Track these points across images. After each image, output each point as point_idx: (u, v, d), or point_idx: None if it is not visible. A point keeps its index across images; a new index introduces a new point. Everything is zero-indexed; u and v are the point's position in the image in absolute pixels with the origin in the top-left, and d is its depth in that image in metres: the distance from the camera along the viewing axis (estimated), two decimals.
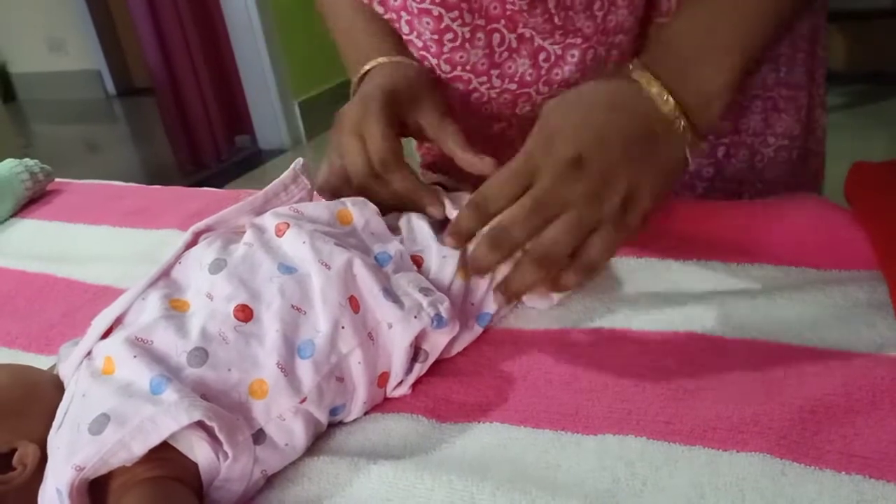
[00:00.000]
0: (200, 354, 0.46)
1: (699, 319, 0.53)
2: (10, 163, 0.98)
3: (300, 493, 0.45)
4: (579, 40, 0.66)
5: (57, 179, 1.02)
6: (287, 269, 0.51)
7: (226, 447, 0.43)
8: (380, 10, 0.69)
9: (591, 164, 0.47)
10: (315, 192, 0.62)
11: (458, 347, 0.55)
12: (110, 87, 4.51)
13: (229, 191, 0.97)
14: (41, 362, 0.56)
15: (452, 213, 0.59)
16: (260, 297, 0.49)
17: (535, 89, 0.69)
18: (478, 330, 0.55)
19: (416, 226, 0.59)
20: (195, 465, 0.44)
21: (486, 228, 0.51)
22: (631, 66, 0.53)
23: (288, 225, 0.54)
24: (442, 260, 0.55)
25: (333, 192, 0.63)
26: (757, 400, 0.44)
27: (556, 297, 0.57)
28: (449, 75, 0.69)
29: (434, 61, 0.68)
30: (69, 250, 0.83)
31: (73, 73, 4.48)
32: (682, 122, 0.50)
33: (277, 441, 0.46)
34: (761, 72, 0.73)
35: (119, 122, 4.36)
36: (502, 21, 0.65)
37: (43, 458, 0.44)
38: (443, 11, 0.64)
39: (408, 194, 0.60)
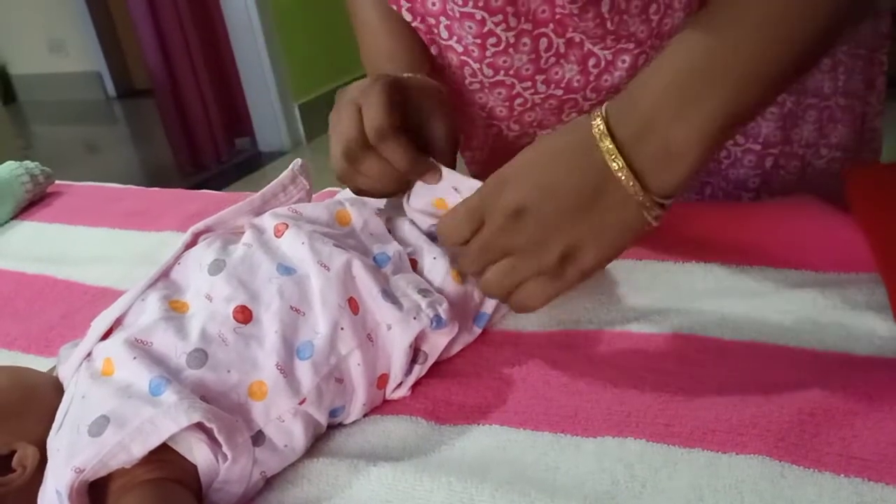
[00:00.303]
0: (200, 356, 0.46)
1: (698, 321, 0.53)
2: (10, 165, 0.98)
3: (299, 494, 0.46)
4: (632, 45, 0.65)
5: (57, 181, 1.03)
6: (286, 269, 0.51)
7: (225, 449, 0.43)
8: (408, 16, 0.68)
9: (533, 216, 0.47)
10: (314, 194, 0.62)
11: (456, 348, 0.55)
12: (110, 88, 4.51)
13: (229, 193, 0.97)
14: (41, 364, 0.56)
15: (451, 178, 0.57)
16: (259, 298, 0.49)
17: (582, 95, 0.68)
18: (476, 331, 0.56)
19: (405, 228, 0.59)
20: (194, 466, 0.44)
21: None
22: (594, 115, 0.48)
23: (287, 225, 0.54)
24: (433, 261, 0.55)
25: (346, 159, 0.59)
26: (756, 402, 0.44)
27: None
28: (491, 80, 0.67)
29: (476, 66, 0.67)
30: (69, 252, 0.83)
31: (74, 74, 4.48)
32: (632, 183, 0.46)
33: (277, 442, 0.46)
34: (816, 79, 0.70)
35: (119, 124, 4.36)
36: (551, 25, 0.64)
37: (42, 460, 0.45)
38: (486, 15, 0.62)
39: (403, 164, 0.56)
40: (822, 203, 0.61)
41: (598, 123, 0.47)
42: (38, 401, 0.48)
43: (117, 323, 0.50)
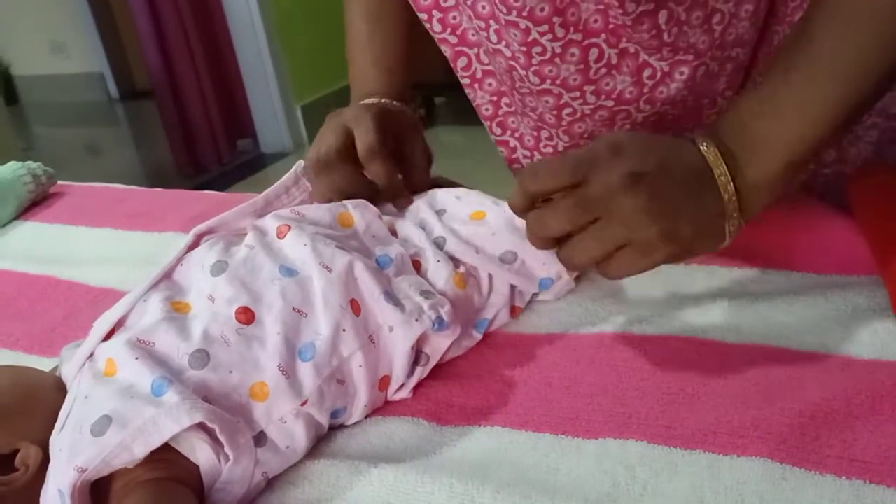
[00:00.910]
0: (202, 357, 0.46)
1: (700, 324, 0.53)
2: (13, 165, 0.98)
3: (301, 495, 0.46)
4: (691, 57, 0.62)
5: (59, 182, 1.03)
6: (288, 271, 0.51)
7: (227, 449, 0.43)
8: (437, 27, 0.68)
9: (649, 185, 0.47)
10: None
11: (456, 353, 0.55)
12: (113, 90, 4.51)
13: (231, 194, 0.98)
14: (43, 364, 0.56)
15: (422, 210, 0.61)
16: (261, 299, 0.49)
17: (635, 107, 0.66)
18: (476, 336, 0.56)
19: (409, 231, 0.59)
20: (196, 466, 0.44)
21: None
22: (696, 136, 0.51)
23: (289, 227, 0.54)
24: (437, 264, 0.55)
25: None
26: (757, 404, 0.44)
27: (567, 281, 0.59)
28: (538, 87, 0.66)
29: (522, 72, 0.65)
30: (71, 253, 0.83)
31: (76, 75, 4.49)
32: (731, 190, 0.48)
33: (278, 443, 0.46)
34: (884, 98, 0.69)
35: (121, 125, 4.36)
36: (603, 35, 0.61)
37: (45, 460, 0.45)
38: (530, 25, 0.60)
39: (385, 182, 0.63)
40: (824, 206, 0.61)
41: (703, 139, 0.49)
42: (41, 401, 0.48)
43: (119, 324, 0.50)
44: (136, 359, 0.46)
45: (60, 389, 0.49)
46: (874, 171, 0.62)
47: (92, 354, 0.49)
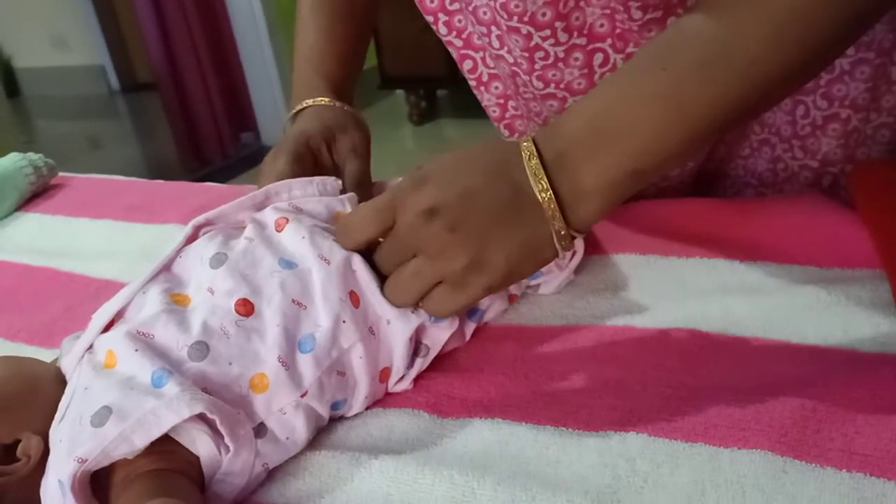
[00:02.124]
0: (202, 348, 0.46)
1: (702, 317, 0.53)
2: (14, 157, 0.98)
3: (301, 486, 0.46)
4: None
5: (60, 174, 1.03)
6: (287, 263, 0.51)
7: (227, 440, 0.43)
8: (443, 30, 0.68)
9: (444, 218, 0.45)
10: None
11: (456, 342, 0.55)
12: (114, 82, 4.51)
13: (232, 186, 0.97)
14: (43, 356, 0.56)
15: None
16: (261, 291, 0.49)
17: None
18: (471, 324, 0.56)
19: None
20: (197, 458, 0.44)
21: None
22: (524, 137, 0.48)
23: (287, 220, 0.54)
24: None
25: None
26: (758, 397, 0.44)
27: (561, 279, 0.58)
28: (542, 92, 0.65)
29: (525, 78, 0.64)
30: (72, 244, 0.83)
31: (77, 68, 4.49)
32: (553, 207, 0.45)
33: (279, 435, 0.46)
34: None
35: (122, 118, 4.36)
36: (609, 40, 0.60)
37: (46, 450, 0.45)
38: (532, 30, 0.60)
39: None
40: (827, 199, 0.61)
41: (528, 144, 0.46)
42: (42, 391, 0.48)
43: (119, 315, 0.50)
44: (136, 350, 0.46)
45: (61, 381, 0.49)
46: (878, 166, 0.62)
47: (91, 346, 0.49)
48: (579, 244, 0.59)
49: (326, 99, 0.71)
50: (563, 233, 0.46)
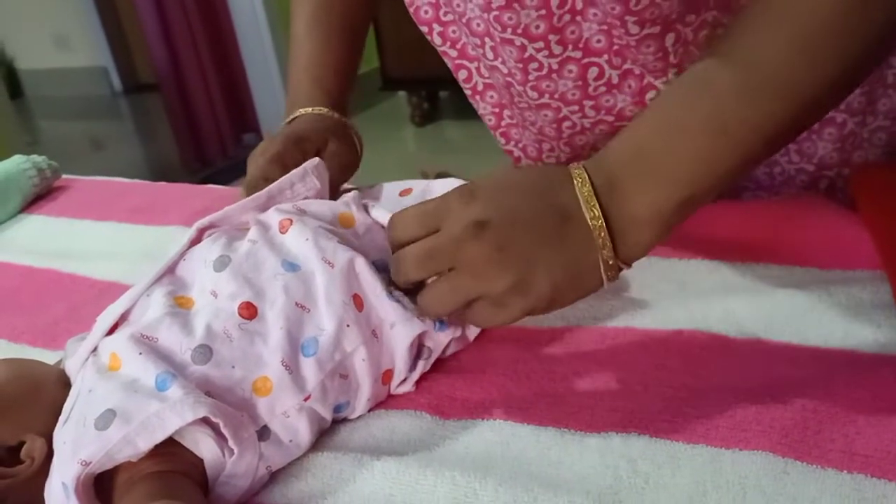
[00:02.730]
0: (205, 352, 0.46)
1: (703, 318, 0.53)
2: (17, 159, 0.98)
3: (304, 488, 0.46)
4: None
5: (64, 176, 1.03)
6: (291, 266, 0.51)
7: (231, 443, 0.44)
8: (438, 41, 0.68)
9: (494, 234, 0.44)
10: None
11: (457, 345, 0.55)
12: (116, 83, 4.52)
13: (234, 189, 0.97)
14: (46, 357, 0.56)
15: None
16: (264, 294, 0.50)
17: None
18: (475, 329, 0.56)
19: None
20: (201, 460, 0.44)
21: None
22: (577, 164, 0.47)
23: (291, 221, 0.54)
24: None
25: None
26: (760, 399, 0.44)
27: None
28: (536, 102, 0.65)
29: (520, 88, 0.65)
30: (75, 246, 0.84)
31: (80, 69, 4.49)
32: (604, 235, 0.44)
33: (282, 437, 0.46)
34: (893, 100, 0.65)
35: (125, 119, 4.37)
36: (605, 56, 0.60)
37: (50, 453, 0.45)
38: (526, 42, 0.60)
39: None
40: (827, 201, 0.61)
41: (580, 171, 0.46)
42: (46, 393, 0.48)
43: (123, 318, 0.51)
44: (140, 354, 0.46)
45: (65, 383, 0.49)
46: (879, 168, 0.62)
47: (95, 349, 0.49)
48: None
49: (324, 109, 0.71)
50: (610, 262, 0.45)
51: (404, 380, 0.52)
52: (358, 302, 0.50)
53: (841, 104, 0.63)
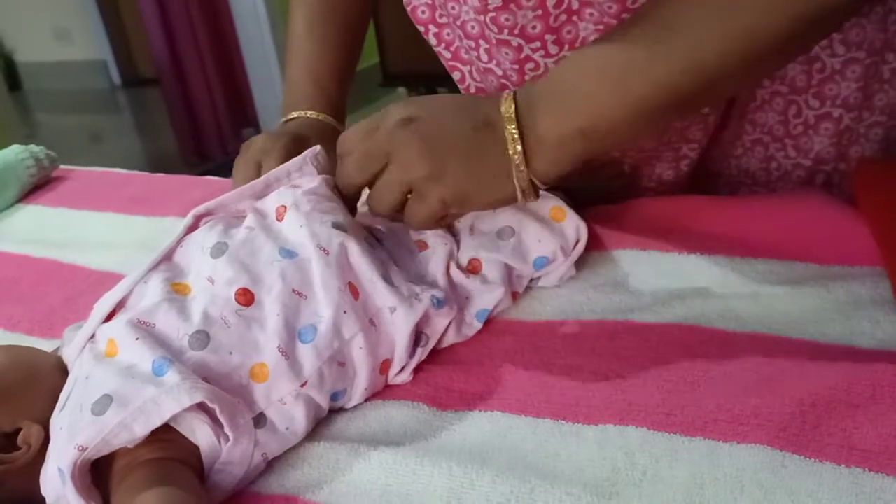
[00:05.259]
0: (202, 338, 0.46)
1: (701, 312, 0.53)
2: (15, 149, 0.98)
3: (300, 477, 0.46)
4: None
5: (61, 166, 1.03)
6: (288, 253, 0.51)
7: (227, 430, 0.44)
8: (433, 41, 0.68)
9: (418, 126, 0.51)
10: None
11: (456, 339, 0.55)
12: (115, 77, 4.51)
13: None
14: (43, 346, 0.56)
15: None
16: (261, 281, 0.50)
17: None
18: (476, 325, 0.55)
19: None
20: (197, 447, 0.44)
21: None
22: (506, 92, 0.53)
23: (286, 208, 0.54)
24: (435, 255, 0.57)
25: None
26: (758, 392, 0.44)
27: (562, 272, 0.59)
28: None
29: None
30: (73, 236, 0.83)
31: (79, 62, 4.48)
32: (517, 147, 0.50)
33: (278, 425, 0.46)
34: (890, 95, 0.65)
35: (124, 113, 4.36)
36: None
37: (47, 439, 0.45)
38: (522, 43, 0.60)
39: None
40: (828, 196, 0.61)
41: (508, 93, 0.51)
42: (43, 380, 0.48)
43: (120, 305, 0.50)
44: (137, 339, 0.46)
45: (62, 370, 0.49)
46: (881, 164, 0.62)
47: (93, 335, 0.49)
48: (583, 231, 0.59)
49: (321, 114, 0.73)
50: (521, 169, 0.50)
51: (402, 369, 0.51)
52: (353, 290, 0.50)
53: (792, 94, 0.65)
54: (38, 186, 0.98)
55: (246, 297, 0.48)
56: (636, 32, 0.49)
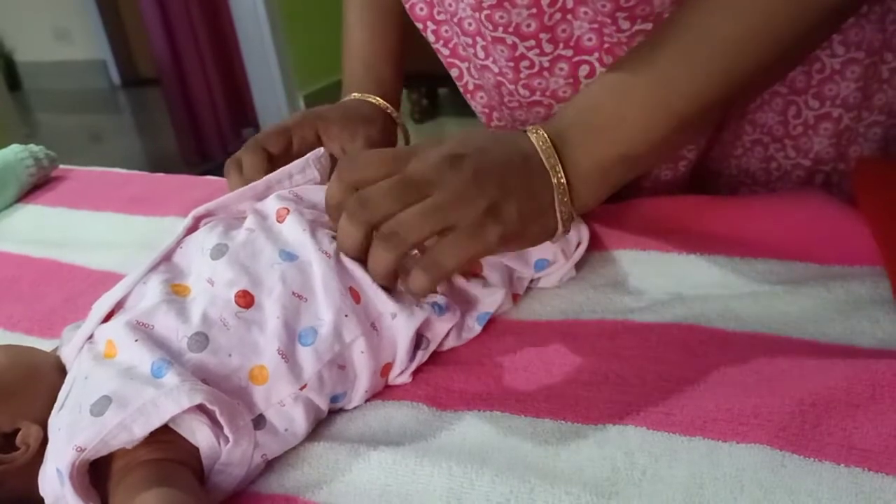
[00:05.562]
0: (201, 339, 0.46)
1: (701, 312, 0.53)
2: (14, 148, 0.98)
3: (300, 477, 0.46)
4: None
5: (61, 166, 1.03)
6: (288, 255, 0.51)
7: (227, 431, 0.43)
8: (431, 38, 0.68)
9: (469, 162, 0.46)
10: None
11: (456, 343, 0.55)
12: (115, 77, 4.51)
13: None
14: (43, 346, 0.56)
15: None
16: (261, 283, 0.49)
17: None
18: (477, 329, 0.55)
19: None
20: (196, 448, 0.44)
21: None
22: (530, 127, 0.51)
23: (288, 210, 0.54)
24: None
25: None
26: (757, 392, 0.44)
27: (562, 273, 0.58)
28: (528, 100, 0.66)
29: (511, 87, 0.65)
30: (72, 236, 0.83)
31: (79, 62, 4.48)
32: (562, 180, 0.48)
33: (278, 426, 0.46)
34: (889, 95, 0.66)
35: (123, 113, 4.36)
36: (596, 54, 0.61)
37: (46, 439, 0.45)
38: (517, 40, 0.60)
39: (251, 173, 0.65)
40: (828, 196, 0.61)
41: (537, 128, 0.49)
42: (42, 380, 0.48)
43: (119, 306, 0.50)
44: (136, 341, 0.46)
45: (61, 370, 0.49)
46: (882, 163, 0.62)
47: (91, 336, 0.49)
48: (584, 234, 0.59)
49: (373, 97, 0.73)
50: (565, 199, 0.48)
51: (402, 372, 0.51)
52: (354, 294, 0.50)
53: (791, 94, 0.66)
54: (37, 186, 0.98)
55: (246, 300, 0.48)
56: (665, 45, 0.48)
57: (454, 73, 0.71)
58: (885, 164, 0.62)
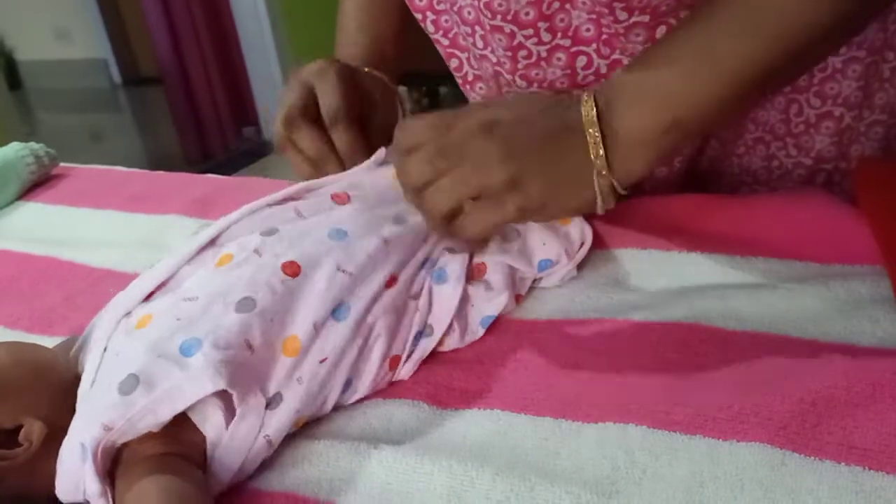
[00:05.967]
0: (249, 303, 0.47)
1: (702, 311, 0.53)
2: (15, 146, 0.98)
3: (300, 475, 0.46)
4: None
5: (62, 164, 1.03)
6: (339, 233, 0.53)
7: (237, 406, 0.44)
8: (430, 28, 0.68)
9: (502, 131, 0.49)
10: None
11: (458, 345, 0.55)
12: (116, 76, 4.51)
13: (234, 178, 0.97)
14: (43, 344, 0.56)
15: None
16: (309, 256, 0.51)
17: None
18: (479, 332, 0.56)
19: None
20: (203, 439, 0.45)
21: None
22: (585, 89, 0.52)
23: (349, 197, 0.56)
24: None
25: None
26: (758, 391, 0.44)
27: (563, 272, 0.59)
28: (526, 90, 0.66)
29: (508, 77, 0.65)
30: (73, 234, 0.83)
31: (79, 61, 4.48)
32: (600, 153, 0.49)
33: (290, 404, 0.47)
34: (889, 94, 0.66)
35: (124, 112, 4.36)
36: (594, 45, 0.61)
37: (48, 436, 0.45)
38: (515, 29, 0.60)
39: (345, 150, 0.64)
40: (829, 195, 0.61)
41: (588, 95, 0.50)
42: (45, 377, 0.48)
43: (160, 286, 0.51)
44: (175, 317, 0.47)
45: (65, 366, 0.49)
46: (882, 163, 0.62)
47: (129, 313, 0.49)
48: (588, 233, 0.59)
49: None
50: (604, 172, 0.49)
51: (407, 360, 0.52)
52: (392, 279, 0.52)
53: (793, 93, 0.66)
54: (38, 184, 0.98)
55: (293, 268, 0.50)
56: (718, 14, 0.49)
57: (453, 63, 0.71)
58: (886, 163, 0.62)
